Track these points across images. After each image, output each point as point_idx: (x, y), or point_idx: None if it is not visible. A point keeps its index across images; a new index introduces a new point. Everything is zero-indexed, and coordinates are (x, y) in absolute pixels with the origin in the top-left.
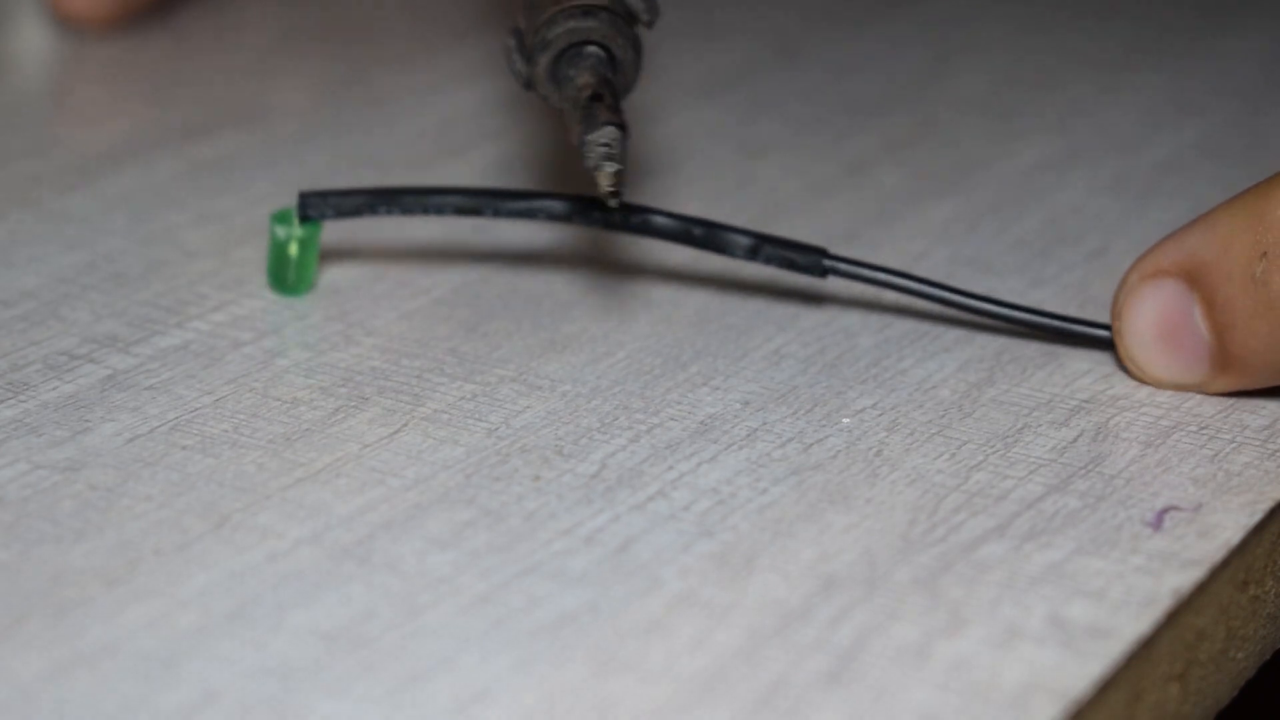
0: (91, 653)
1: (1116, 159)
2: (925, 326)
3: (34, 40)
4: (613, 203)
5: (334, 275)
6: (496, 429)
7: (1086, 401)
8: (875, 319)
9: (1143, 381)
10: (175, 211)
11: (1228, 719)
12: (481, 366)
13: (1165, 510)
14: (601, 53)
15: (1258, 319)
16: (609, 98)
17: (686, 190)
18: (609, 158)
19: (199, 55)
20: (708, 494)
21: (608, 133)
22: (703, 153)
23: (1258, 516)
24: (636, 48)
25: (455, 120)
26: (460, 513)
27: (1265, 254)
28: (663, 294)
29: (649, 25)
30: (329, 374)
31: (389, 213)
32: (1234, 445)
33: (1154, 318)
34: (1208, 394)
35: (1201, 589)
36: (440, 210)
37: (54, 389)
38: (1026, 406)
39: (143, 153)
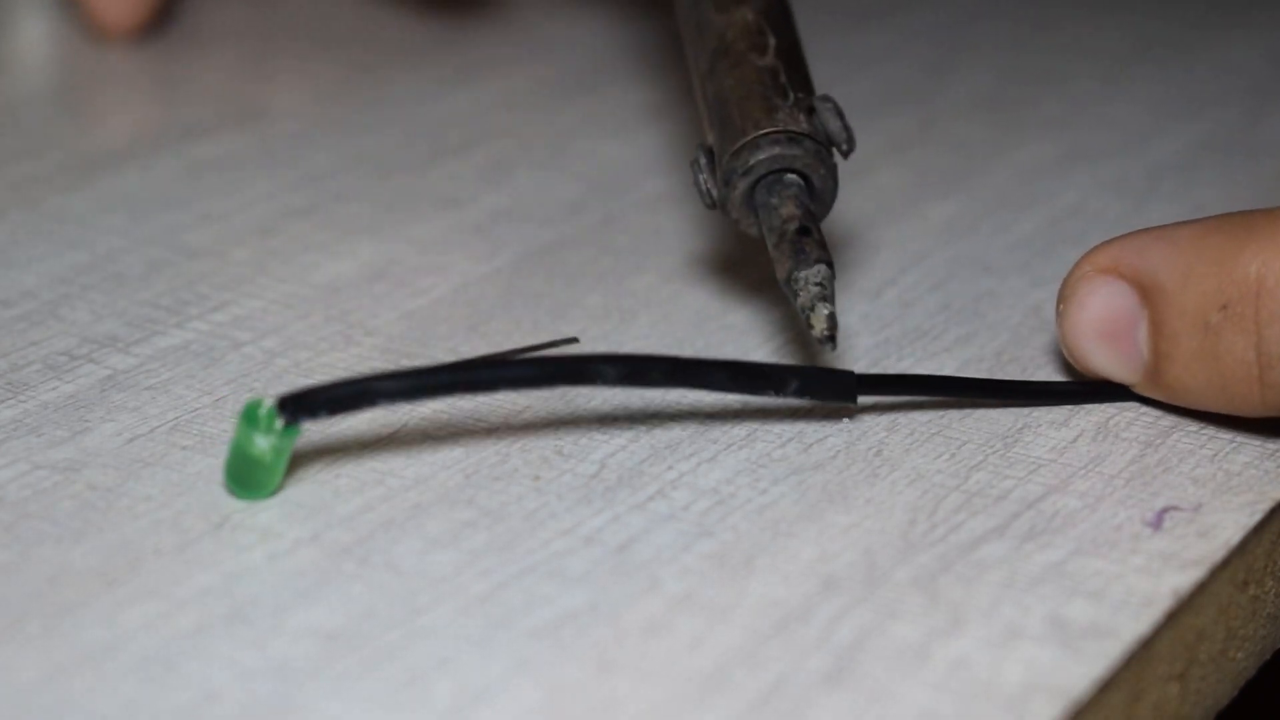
0: (91, 653)
1: (1117, 159)
2: (925, 326)
3: (34, 40)
4: (829, 347)
5: (334, 275)
6: (496, 429)
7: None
8: (875, 319)
9: (1075, 367)
10: (175, 211)
11: (1228, 719)
12: None
13: (1165, 510)
14: (802, 182)
15: (1198, 363)
16: (816, 232)
17: (686, 190)
18: (823, 298)
19: (199, 55)
20: (707, 494)
21: (821, 271)
22: None
23: (1258, 516)
24: (835, 178)
25: (455, 120)
26: (460, 513)
27: (1225, 306)
28: (663, 294)
29: (845, 155)
30: (329, 374)
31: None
32: (1234, 445)
33: (1099, 314)
34: (1136, 392)
35: (1201, 589)
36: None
37: (54, 389)
38: (1026, 406)
39: (143, 153)
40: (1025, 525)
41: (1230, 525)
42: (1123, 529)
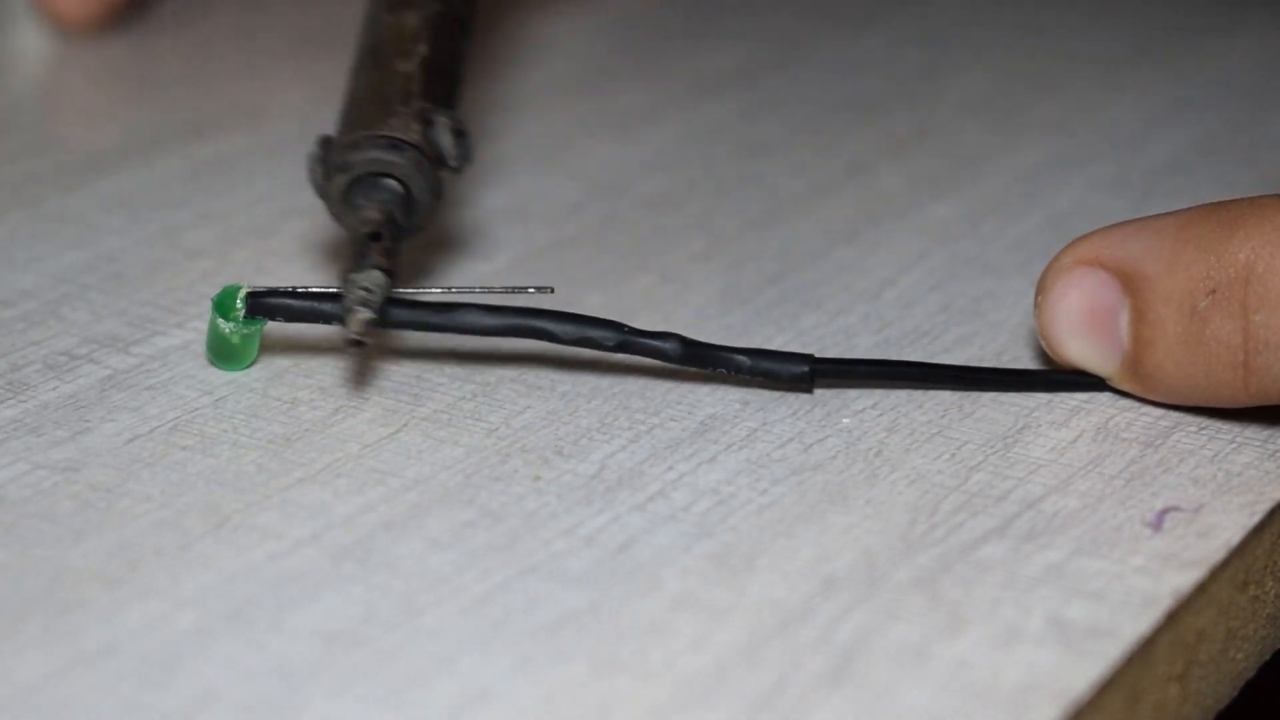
0: (91, 653)
1: (1116, 159)
2: (925, 326)
3: (34, 40)
4: (353, 351)
5: (335, 276)
6: (496, 429)
7: (1086, 401)
8: (875, 319)
9: (1052, 358)
10: (175, 211)
11: (1228, 719)
12: (481, 366)
13: (1165, 510)
14: (400, 189)
15: (1182, 348)
16: (388, 240)
17: (687, 190)
18: (365, 303)
19: (199, 55)
20: (708, 494)
21: (373, 277)
22: (703, 153)
23: (1258, 517)
24: (436, 192)
25: None
26: (460, 513)
27: (1214, 291)
28: (662, 294)
29: (457, 171)
30: (329, 374)
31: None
32: (1234, 445)
33: (1078, 305)
34: (1112, 385)
35: (1201, 589)
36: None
37: (54, 389)
38: (1026, 406)
39: (143, 153)
40: (1025, 526)
41: (1230, 526)
42: (1123, 529)
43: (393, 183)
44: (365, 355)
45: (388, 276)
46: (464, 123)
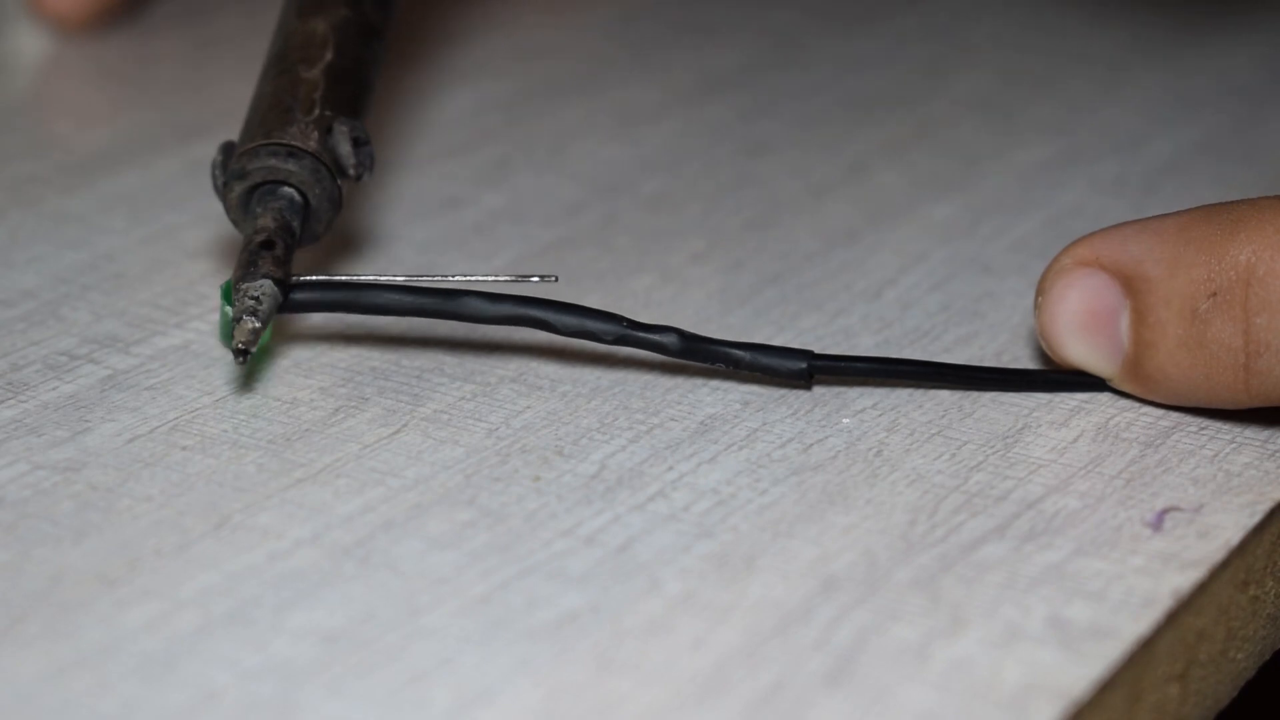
0: (91, 653)
1: (1116, 159)
2: (925, 326)
3: (32, 41)
4: (238, 360)
5: (332, 275)
6: (496, 429)
7: (1086, 401)
8: (875, 319)
9: (1052, 359)
10: (175, 211)
11: (1228, 719)
12: (481, 366)
13: (1165, 511)
14: (297, 197)
15: (1183, 350)
16: (280, 249)
17: (687, 190)
18: (253, 312)
19: (199, 55)
20: (707, 494)
21: (262, 286)
22: (703, 153)
23: (1258, 517)
24: (334, 201)
25: (455, 120)
26: (460, 513)
27: (1215, 294)
28: (662, 294)
29: (357, 179)
30: (329, 374)
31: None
32: (1234, 445)
33: (1078, 307)
34: (1113, 386)
35: (1201, 589)
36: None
37: (54, 389)
38: (1026, 406)
39: (143, 153)
40: (1025, 526)
41: (1230, 526)
42: (1123, 529)
43: (290, 191)
44: (364, 362)
45: (278, 286)
46: (365, 131)
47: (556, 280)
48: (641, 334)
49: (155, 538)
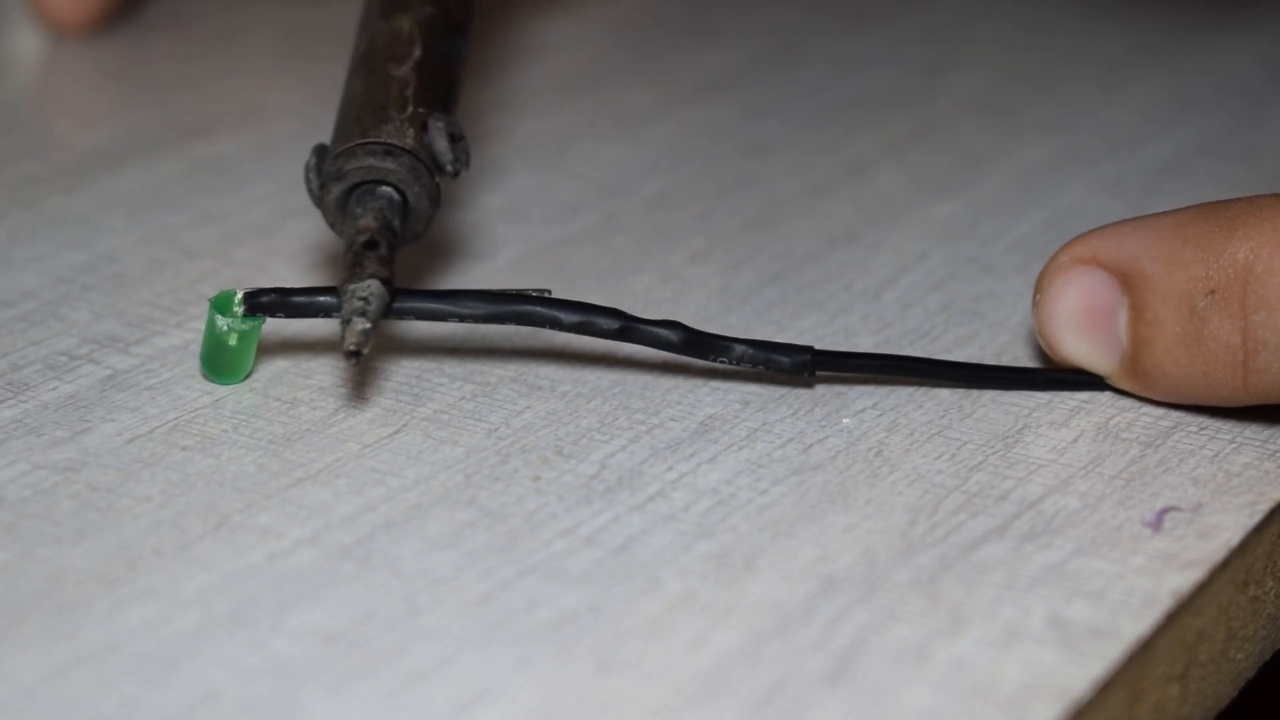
0: (91, 653)
1: (1116, 159)
2: (925, 326)
3: (31, 41)
4: (352, 362)
5: (334, 276)
6: (496, 429)
7: (1086, 401)
8: (875, 319)
9: (1051, 357)
10: (175, 211)
11: (1228, 719)
12: (481, 366)
13: (1165, 511)
14: (396, 196)
15: (1181, 347)
16: (384, 248)
17: (686, 190)
18: (362, 313)
19: (198, 55)
20: (707, 494)
21: (370, 286)
22: (703, 153)
23: (1258, 517)
24: (433, 198)
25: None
26: (460, 513)
27: (1213, 291)
28: (662, 294)
29: (454, 175)
30: (329, 374)
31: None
32: (1234, 445)
33: (1076, 304)
34: (1111, 384)
35: (1201, 589)
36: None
37: (54, 389)
38: (1026, 406)
39: (143, 153)
40: (1025, 526)
41: (1230, 526)
42: (1123, 529)
43: (389, 190)
44: (364, 363)
45: (385, 286)
46: (459, 126)
47: (550, 293)
48: (644, 327)
49: (155, 538)
